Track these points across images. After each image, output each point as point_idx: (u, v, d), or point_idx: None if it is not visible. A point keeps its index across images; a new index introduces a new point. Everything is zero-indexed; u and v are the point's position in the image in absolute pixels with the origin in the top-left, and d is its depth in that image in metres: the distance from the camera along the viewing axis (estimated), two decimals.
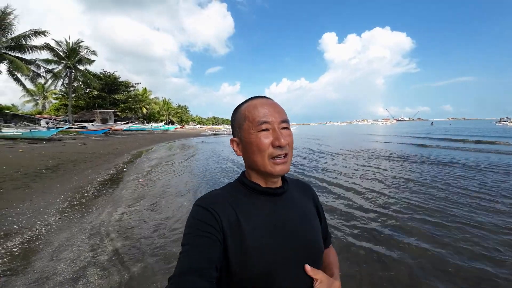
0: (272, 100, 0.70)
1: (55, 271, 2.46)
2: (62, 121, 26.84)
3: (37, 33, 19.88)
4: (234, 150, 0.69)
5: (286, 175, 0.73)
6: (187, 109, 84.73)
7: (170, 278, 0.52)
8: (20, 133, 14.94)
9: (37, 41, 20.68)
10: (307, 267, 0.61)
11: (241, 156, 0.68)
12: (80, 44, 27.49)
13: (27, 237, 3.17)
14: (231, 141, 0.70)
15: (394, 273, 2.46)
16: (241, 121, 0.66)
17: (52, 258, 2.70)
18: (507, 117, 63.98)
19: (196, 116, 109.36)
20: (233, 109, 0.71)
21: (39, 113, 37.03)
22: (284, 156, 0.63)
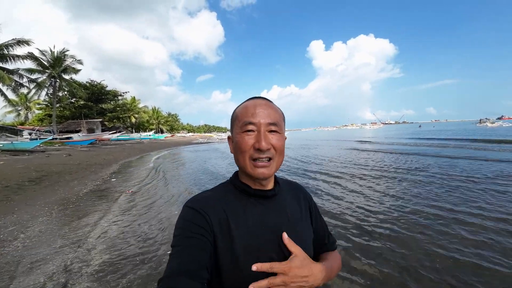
0: (269, 101, 0.68)
1: (38, 284, 2.40)
2: (46, 131, 25.93)
3: (20, 42, 19.42)
4: (230, 147, 0.70)
5: (278, 177, 0.74)
6: (178, 118, 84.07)
7: (160, 280, 0.51)
8: (1, 145, 14.38)
9: (20, 50, 20.20)
10: (284, 235, 0.60)
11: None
12: (65, 53, 27.01)
13: (9, 250, 3.06)
14: (228, 138, 0.72)
15: (386, 271, 2.52)
16: (233, 120, 0.67)
17: (36, 271, 2.62)
18: (486, 118, 67.35)
19: (187, 124, 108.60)
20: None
21: (22, 124, 35.71)
22: (268, 160, 0.62)
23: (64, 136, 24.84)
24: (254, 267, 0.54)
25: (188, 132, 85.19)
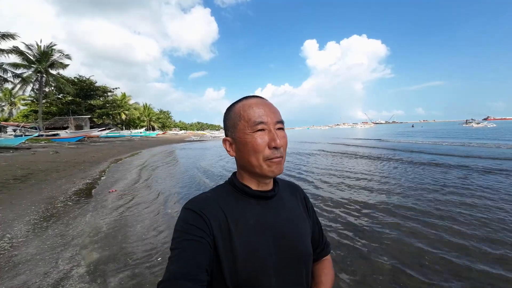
0: (267, 100, 0.68)
1: (27, 285, 2.34)
2: (31, 128, 25.09)
3: (5, 36, 18.64)
4: (226, 150, 0.67)
5: (276, 177, 0.73)
6: (170, 115, 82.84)
7: (159, 284, 0.51)
8: None
9: (5, 44, 19.40)
10: None
11: (234, 157, 0.67)
12: (52, 47, 26.12)
13: None
14: (224, 140, 0.68)
15: (376, 267, 2.58)
16: (235, 120, 0.64)
17: (25, 271, 2.55)
18: (471, 119, 69.84)
19: (180, 121, 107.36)
20: (226, 108, 0.69)
21: (6, 120, 34.38)
22: (279, 157, 0.62)
23: (50, 132, 24.05)
24: None
25: (181, 130, 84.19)
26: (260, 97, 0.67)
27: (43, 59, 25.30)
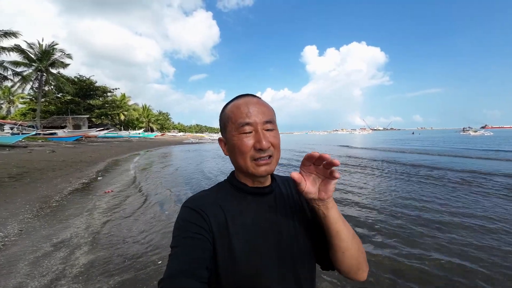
0: (259, 98, 0.66)
1: (20, 286, 2.30)
2: (29, 126, 24.95)
3: (7, 34, 18.66)
4: (222, 149, 0.69)
5: (275, 173, 0.73)
6: (169, 116, 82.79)
7: (160, 281, 0.51)
8: None
9: (7, 42, 19.43)
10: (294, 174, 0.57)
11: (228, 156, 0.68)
12: (54, 46, 26.16)
13: None
14: (219, 140, 0.70)
15: (375, 271, 2.54)
16: (225, 121, 0.65)
17: (18, 271, 2.51)
18: (469, 127, 70.35)
19: (178, 123, 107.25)
20: (222, 108, 0.70)
21: (3, 118, 34.22)
22: (268, 157, 0.62)
23: (47, 131, 23.89)
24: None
25: (179, 132, 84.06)
26: (252, 96, 0.67)
27: (44, 58, 25.30)
